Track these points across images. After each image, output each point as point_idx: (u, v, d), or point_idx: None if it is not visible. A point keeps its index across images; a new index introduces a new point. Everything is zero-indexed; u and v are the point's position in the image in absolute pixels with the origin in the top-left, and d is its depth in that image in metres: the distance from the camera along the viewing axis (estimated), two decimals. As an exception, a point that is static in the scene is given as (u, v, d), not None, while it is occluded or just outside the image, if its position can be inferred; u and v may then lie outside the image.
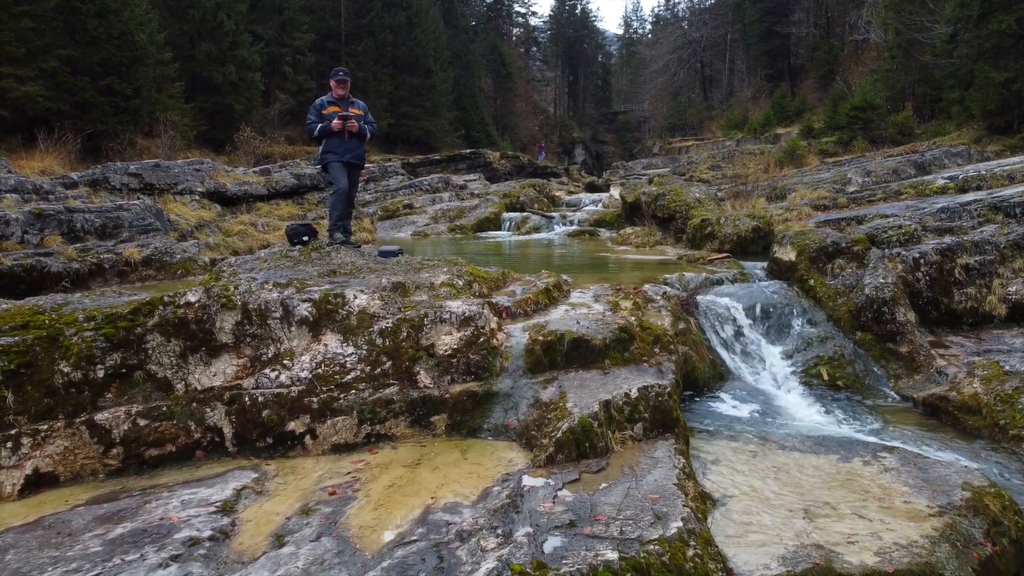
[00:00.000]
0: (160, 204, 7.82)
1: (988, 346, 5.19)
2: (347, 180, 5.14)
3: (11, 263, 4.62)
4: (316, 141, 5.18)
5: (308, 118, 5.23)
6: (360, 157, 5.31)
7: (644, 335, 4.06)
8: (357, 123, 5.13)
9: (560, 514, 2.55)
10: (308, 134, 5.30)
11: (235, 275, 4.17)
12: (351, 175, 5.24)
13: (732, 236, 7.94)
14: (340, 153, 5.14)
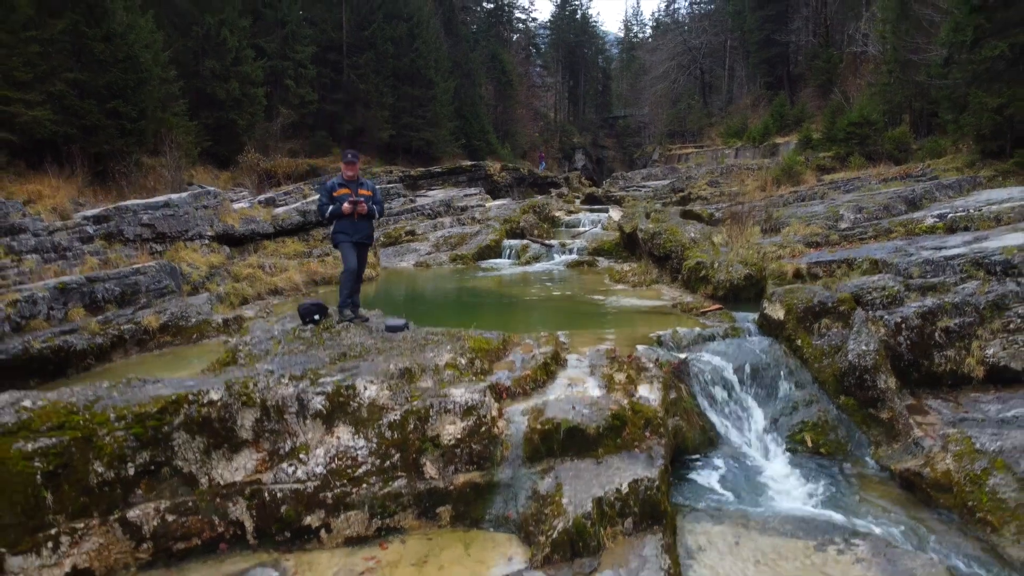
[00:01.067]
0: (172, 251, 8.09)
1: (965, 412, 5.46)
2: (356, 259, 5.42)
3: (40, 345, 4.90)
4: (327, 221, 5.45)
5: (320, 200, 5.50)
6: (369, 236, 5.59)
7: (636, 419, 4.33)
8: (366, 205, 5.42)
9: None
10: (319, 215, 5.56)
11: (251, 357, 4.44)
12: (360, 253, 5.52)
13: (725, 283, 8.20)
14: (350, 234, 5.43)
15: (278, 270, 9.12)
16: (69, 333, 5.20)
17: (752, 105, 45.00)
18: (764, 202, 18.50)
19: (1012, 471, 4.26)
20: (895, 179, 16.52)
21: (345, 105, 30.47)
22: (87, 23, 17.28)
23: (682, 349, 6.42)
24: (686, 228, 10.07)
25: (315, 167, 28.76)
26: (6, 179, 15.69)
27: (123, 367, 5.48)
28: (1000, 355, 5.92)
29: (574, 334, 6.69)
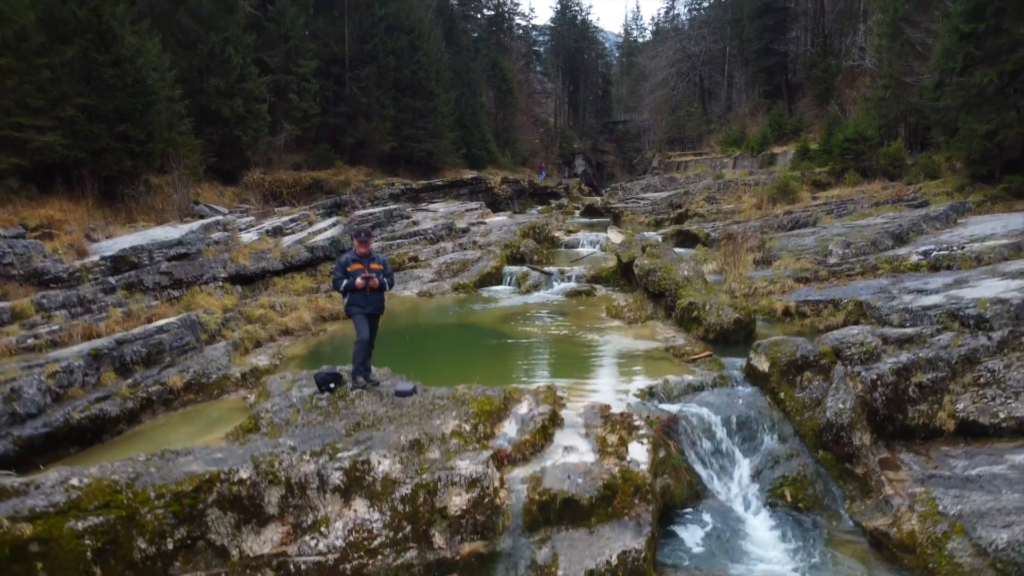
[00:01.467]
0: (189, 296, 8.51)
1: (934, 467, 5.87)
2: (368, 330, 5.84)
3: (79, 416, 5.31)
4: (342, 294, 5.86)
5: (335, 274, 5.92)
6: (380, 307, 6.01)
7: (626, 487, 4.74)
8: (377, 279, 5.84)
9: None
10: (335, 288, 5.99)
11: (273, 427, 4.86)
12: (372, 323, 5.94)
13: (716, 326, 8.61)
14: (363, 306, 5.85)
15: (288, 308, 9.52)
16: (103, 400, 5.61)
17: (751, 113, 45.32)
18: (759, 222, 18.92)
19: (969, 537, 4.68)
20: (887, 203, 16.93)
21: (347, 117, 30.82)
22: (97, 49, 17.63)
23: (673, 400, 6.84)
24: (680, 266, 10.46)
25: (318, 180, 29.16)
26: (19, 203, 16.07)
27: (152, 428, 5.89)
28: (970, 409, 6.33)
29: (571, 386, 7.11)
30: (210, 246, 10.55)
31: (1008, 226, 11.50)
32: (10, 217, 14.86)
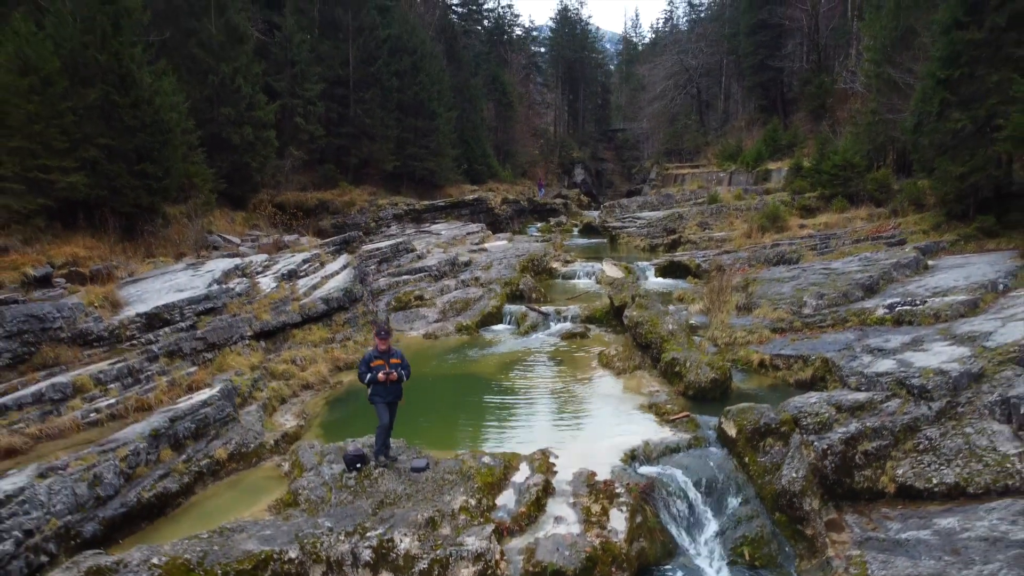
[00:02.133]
0: (221, 358, 9.49)
1: (872, 529, 6.86)
2: (388, 415, 6.83)
3: (148, 495, 6.28)
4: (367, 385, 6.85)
5: (360, 368, 6.91)
6: (399, 395, 6.99)
7: (605, 557, 5.75)
8: (396, 373, 6.83)
9: None
10: (360, 380, 6.98)
11: (310, 504, 5.85)
12: (391, 409, 6.92)
13: (695, 383, 9.61)
14: (384, 396, 6.83)
15: (307, 362, 10.52)
16: (164, 477, 6.59)
17: (747, 126, 46.22)
18: (748, 252, 19.91)
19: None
20: (867, 239, 17.92)
21: (351, 138, 31.77)
22: (117, 91, 18.49)
23: (652, 462, 7.85)
24: (665, 320, 11.46)
25: (323, 201, 30.17)
26: (45, 241, 17.07)
27: (204, 499, 6.88)
28: (908, 474, 7.32)
29: (564, 442, 8.12)
30: (233, 299, 11.53)
31: (970, 277, 12.48)
32: (38, 256, 15.86)
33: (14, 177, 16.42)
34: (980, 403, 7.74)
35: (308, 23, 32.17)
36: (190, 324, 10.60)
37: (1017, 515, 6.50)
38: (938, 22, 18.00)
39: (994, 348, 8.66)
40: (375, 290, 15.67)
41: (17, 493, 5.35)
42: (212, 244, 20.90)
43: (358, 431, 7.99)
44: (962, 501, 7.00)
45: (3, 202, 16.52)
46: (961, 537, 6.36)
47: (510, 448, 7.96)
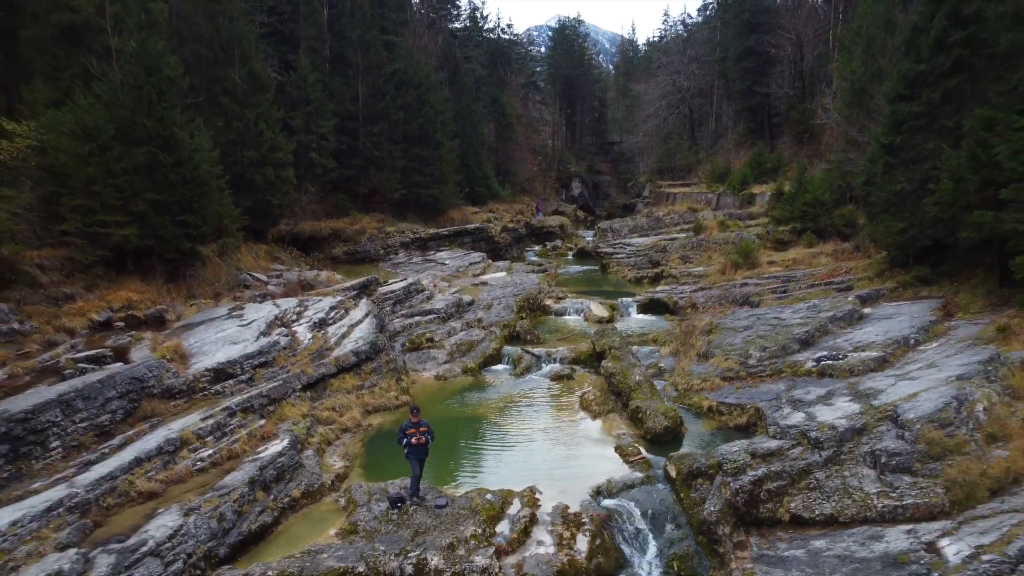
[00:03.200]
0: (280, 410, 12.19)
1: (767, 548, 9.60)
2: (419, 468, 9.55)
3: (253, 527, 8.95)
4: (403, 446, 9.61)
5: (398, 435, 9.64)
6: (426, 454, 9.70)
7: (570, 571, 8.51)
8: (425, 439, 9.56)
9: None
10: (398, 442, 9.72)
11: (367, 532, 8.61)
12: (421, 464, 9.64)
13: (652, 430, 12.38)
14: (416, 454, 9.53)
15: (344, 409, 13.25)
16: (262, 513, 9.28)
17: (736, 146, 48.81)
18: (720, 291, 22.65)
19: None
20: (821, 284, 20.66)
21: (361, 169, 34.46)
22: (162, 152, 21.23)
23: (613, 496, 10.61)
24: (634, 371, 14.23)
25: (336, 230, 32.96)
26: (103, 287, 19.88)
27: (287, 528, 9.60)
28: (799, 507, 10.07)
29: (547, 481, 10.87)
30: (280, 352, 14.28)
31: (889, 332, 15.22)
32: (98, 302, 18.77)
33: (77, 232, 19.29)
34: (857, 452, 10.50)
35: (320, 61, 34.84)
36: (249, 377, 13.36)
37: (866, 539, 9.27)
38: (885, 93, 20.70)
39: (878, 406, 11.41)
40: (392, 332, 18.42)
41: (179, 528, 8.08)
42: (243, 283, 23.70)
43: (393, 472, 10.77)
44: (834, 527, 9.76)
45: (68, 254, 19.38)
46: (824, 555, 9.12)
47: (508, 480, 10.70)
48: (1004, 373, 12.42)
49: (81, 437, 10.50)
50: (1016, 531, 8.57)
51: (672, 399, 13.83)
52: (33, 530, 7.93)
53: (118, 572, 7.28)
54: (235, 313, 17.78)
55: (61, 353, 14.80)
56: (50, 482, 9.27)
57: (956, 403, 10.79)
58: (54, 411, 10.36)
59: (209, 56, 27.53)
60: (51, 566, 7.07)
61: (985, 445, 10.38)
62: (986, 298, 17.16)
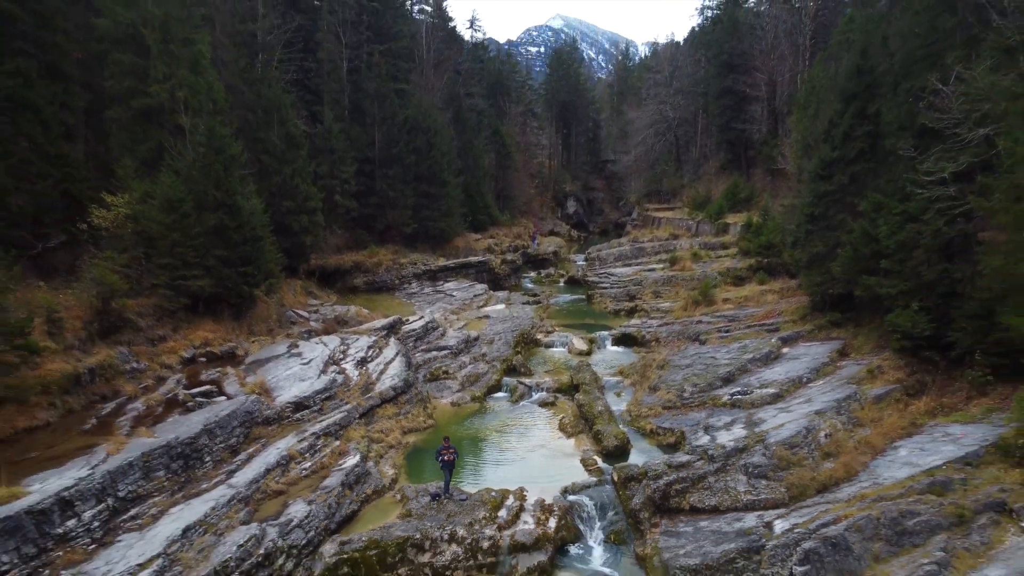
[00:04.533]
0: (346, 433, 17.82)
1: (672, 526, 15.34)
2: (449, 475, 15.24)
3: (347, 512, 14.66)
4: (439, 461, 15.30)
5: (436, 454, 15.36)
6: (454, 466, 15.43)
7: (543, 538, 14.31)
8: (453, 456, 15.25)
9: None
10: (436, 459, 15.41)
11: (419, 515, 14.44)
12: (451, 472, 15.33)
13: (607, 447, 18.13)
14: (447, 467, 15.23)
15: (388, 431, 18.96)
16: (350, 504, 14.94)
17: (717, 173, 54.48)
18: (680, 326, 28.39)
19: (663, 559, 14.16)
20: (757, 325, 26.40)
21: (378, 207, 40.18)
22: (228, 217, 26.93)
23: (575, 493, 16.39)
24: (598, 403, 20.00)
25: (357, 262, 38.67)
26: (184, 328, 25.66)
27: (365, 514, 15.31)
28: (696, 500, 15.82)
29: (531, 484, 16.65)
30: (338, 387, 20.02)
31: (790, 372, 20.95)
32: (183, 341, 24.62)
33: (164, 285, 25.08)
34: (737, 465, 16.27)
35: (340, 111, 40.49)
36: (319, 408, 19.12)
37: (732, 520, 15.04)
38: (809, 170, 26.39)
39: (758, 432, 17.18)
40: (416, 365, 24.19)
41: (308, 512, 13.82)
42: (289, 319, 29.52)
43: (429, 477, 16.57)
44: (716, 514, 15.52)
45: (158, 302, 25.20)
46: (704, 530, 14.89)
47: (505, 483, 16.42)
48: (854, 407, 18.23)
49: (222, 454, 16.29)
50: (820, 515, 14.38)
51: (626, 423, 19.63)
52: (223, 514, 13.69)
53: (282, 536, 13.05)
54: (293, 352, 23.54)
55: (175, 387, 20.64)
56: (213, 484, 15.04)
57: (805, 431, 16.60)
58: (204, 436, 16.13)
59: (253, 120, 33.19)
60: (247, 533, 12.83)
61: (820, 460, 16.19)
62: (876, 342, 22.93)
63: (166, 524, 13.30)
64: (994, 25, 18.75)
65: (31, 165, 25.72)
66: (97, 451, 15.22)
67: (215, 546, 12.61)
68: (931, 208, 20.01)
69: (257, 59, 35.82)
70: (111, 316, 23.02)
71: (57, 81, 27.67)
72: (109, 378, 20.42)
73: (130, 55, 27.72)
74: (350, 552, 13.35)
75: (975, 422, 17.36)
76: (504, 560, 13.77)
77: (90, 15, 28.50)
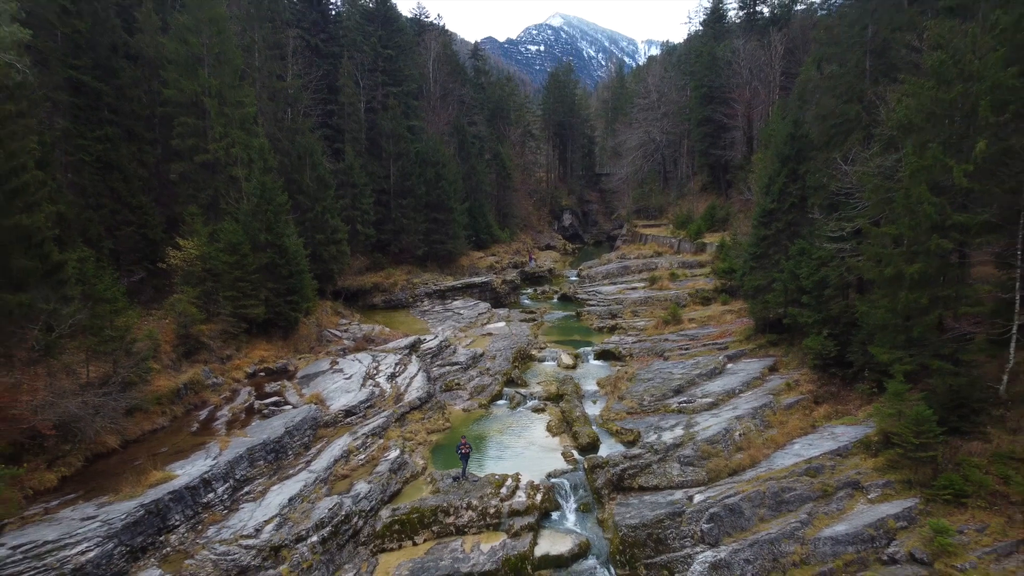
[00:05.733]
0: (389, 432, 24.49)
1: (625, 499, 22.04)
2: (465, 464, 21.84)
3: (393, 490, 21.23)
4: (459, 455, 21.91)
5: (457, 449, 22.00)
6: (468, 457, 22.09)
7: (531, 507, 21.11)
8: (468, 450, 21.88)
9: None
10: (456, 452, 22.04)
11: (444, 491, 21.28)
12: (467, 462, 21.94)
13: (581, 444, 24.86)
14: (464, 459, 21.86)
15: (416, 432, 25.65)
16: (395, 484, 21.56)
17: (699, 192, 61.03)
18: (651, 343, 35.09)
19: (616, 523, 20.86)
20: (711, 344, 33.04)
21: (393, 234, 46.88)
22: (277, 256, 33.76)
23: (556, 476, 23.18)
24: (576, 410, 26.68)
25: (376, 283, 45.36)
26: (245, 348, 32.44)
27: (406, 491, 21.99)
28: (642, 482, 22.57)
29: (524, 469, 23.44)
30: (376, 398, 26.74)
31: (726, 385, 27.62)
32: (245, 359, 31.42)
33: (229, 312, 31.76)
34: (673, 456, 23.02)
35: (359, 147, 47.06)
36: (363, 414, 25.85)
37: (666, 495, 21.78)
38: (752, 218, 33.02)
39: (691, 433, 23.92)
40: (434, 377, 30.93)
41: (369, 489, 20.53)
42: (326, 338, 36.23)
43: (449, 465, 23.32)
44: (656, 491, 22.26)
45: (224, 327, 31.95)
46: (647, 501, 21.63)
47: (506, 469, 23.15)
48: (768, 413, 24.96)
49: (298, 449, 23.05)
50: (727, 490, 21.13)
51: (598, 425, 26.34)
52: (311, 489, 20.46)
53: (354, 504, 19.82)
54: (336, 368, 30.30)
55: (248, 398, 27.37)
56: (297, 470, 21.81)
57: (725, 431, 23.35)
58: (286, 436, 22.89)
59: (288, 164, 39.89)
60: (332, 502, 19.58)
61: (734, 452, 22.93)
62: (799, 360, 29.65)
63: (273, 497, 20.08)
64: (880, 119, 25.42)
65: (118, 215, 32.63)
66: (211, 447, 22.00)
67: (311, 510, 19.40)
68: (837, 256, 26.71)
69: (288, 110, 42.54)
70: (191, 340, 29.89)
71: (133, 142, 34.56)
72: (197, 391, 27.25)
73: (192, 118, 34.47)
74: (399, 515, 20.15)
75: (855, 424, 24.12)
76: (504, 521, 20.53)
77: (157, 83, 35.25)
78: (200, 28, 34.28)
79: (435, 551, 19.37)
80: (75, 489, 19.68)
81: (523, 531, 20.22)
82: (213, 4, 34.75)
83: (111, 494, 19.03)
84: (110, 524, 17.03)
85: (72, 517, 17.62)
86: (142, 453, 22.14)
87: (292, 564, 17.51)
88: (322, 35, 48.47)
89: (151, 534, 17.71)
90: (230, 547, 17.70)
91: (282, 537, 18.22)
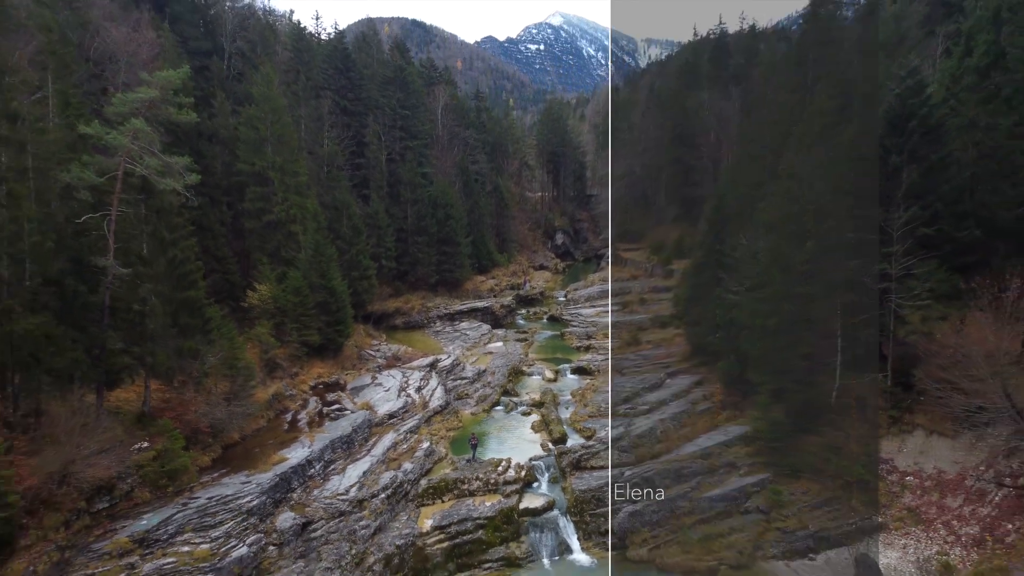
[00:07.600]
0: (423, 429, 36.98)
1: (580, 475, 34.76)
2: (475, 451, 34.28)
3: (427, 468, 33.83)
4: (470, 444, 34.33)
5: (469, 440, 34.48)
6: (476, 446, 34.56)
7: (517, 479, 33.94)
8: (477, 441, 34.36)
9: None
10: (468, 443, 34.52)
11: (463, 468, 34.20)
12: (476, 451, 34.42)
13: (555, 437, 37.58)
14: (474, 448, 34.37)
15: (438, 430, 38.19)
16: (428, 464, 34.18)
17: (674, 221, 73.38)
18: (616, 361, 47.82)
19: (573, 489, 33.56)
20: (658, 363, 45.61)
21: (410, 264, 59.60)
22: (328, 296, 46.41)
23: (536, 460, 35.92)
24: (552, 415, 39.35)
25: (397, 308, 58.03)
26: (306, 367, 45.47)
27: (435, 469, 34.65)
28: (593, 463, 35.27)
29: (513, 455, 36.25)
30: (411, 406, 39.47)
31: (660, 396, 40.25)
32: (307, 375, 44.72)
33: (294, 340, 44.61)
34: (615, 446, 35.71)
35: (382, 192, 59.55)
36: (400, 417, 38.59)
37: (608, 472, 34.49)
38: (690, 264, 45.55)
39: (629, 430, 36.62)
40: (449, 388, 43.66)
41: (412, 468, 33.25)
42: (364, 357, 49.02)
43: (463, 451, 36.06)
44: (601, 470, 34.92)
45: (290, 351, 44.89)
46: (595, 476, 34.36)
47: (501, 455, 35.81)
48: (684, 417, 37.73)
49: (360, 441, 35.81)
50: (647, 469, 33.96)
51: (568, 424, 39.07)
52: (375, 467, 33.27)
53: (405, 476, 32.54)
54: (376, 382, 43.17)
55: (317, 406, 40.23)
56: (363, 456, 34.64)
57: (650, 429, 36.14)
58: (352, 433, 35.68)
59: (328, 215, 52.39)
60: (390, 475, 32.34)
61: (655, 444, 35.70)
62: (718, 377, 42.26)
63: (351, 471, 32.85)
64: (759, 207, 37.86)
65: (207, 265, 45.38)
66: (303, 440, 34.87)
67: (377, 479, 32.18)
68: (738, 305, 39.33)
69: (325, 167, 55.09)
70: (271, 362, 42.68)
71: (215, 207, 47.37)
72: (280, 400, 40.10)
73: (260, 187, 47.13)
74: (432, 484, 32.94)
75: (743, 425, 36.82)
76: (500, 488, 33.27)
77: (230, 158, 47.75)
78: (265, 117, 46.80)
79: (456, 506, 32.18)
80: (222, 467, 32.50)
81: (512, 494, 33.03)
82: (274, 98, 47.28)
83: (250, 469, 31.82)
84: (261, 485, 29.83)
85: (234, 482, 30.42)
86: (256, 444, 35.00)
87: (371, 510, 30.31)
88: (350, 95, 60.73)
89: (283, 492, 30.52)
90: (332, 500, 30.49)
91: (362, 495, 31.03)
